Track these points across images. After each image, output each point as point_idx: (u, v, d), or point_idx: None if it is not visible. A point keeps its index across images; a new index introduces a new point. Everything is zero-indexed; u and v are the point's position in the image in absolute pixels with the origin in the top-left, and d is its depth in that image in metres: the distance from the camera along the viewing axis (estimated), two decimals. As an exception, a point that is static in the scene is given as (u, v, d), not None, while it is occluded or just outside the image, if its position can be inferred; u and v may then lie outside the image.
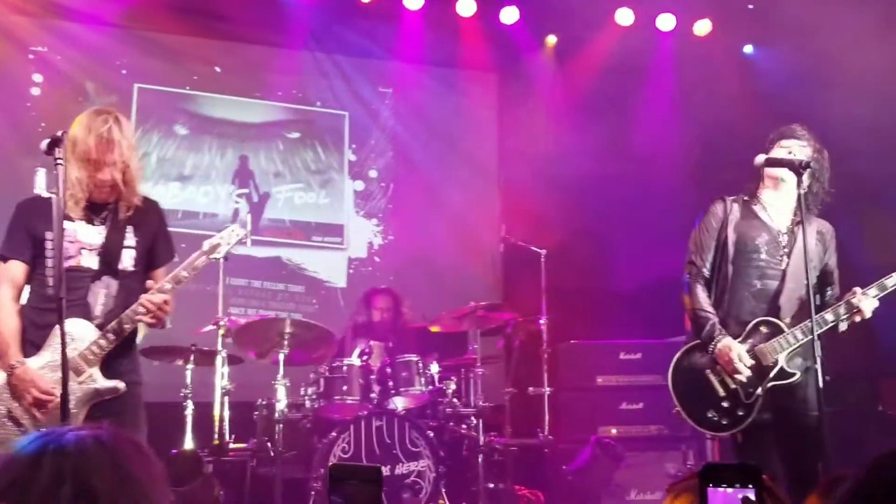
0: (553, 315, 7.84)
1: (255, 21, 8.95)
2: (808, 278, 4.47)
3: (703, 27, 9.37)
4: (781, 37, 8.64)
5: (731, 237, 4.83)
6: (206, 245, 4.45)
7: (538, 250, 8.05)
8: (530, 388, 7.74)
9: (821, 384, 4.39)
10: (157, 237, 4.49)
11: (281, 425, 6.58)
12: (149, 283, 4.25)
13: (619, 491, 7.40)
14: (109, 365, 4.21)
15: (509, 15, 9.25)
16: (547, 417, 7.58)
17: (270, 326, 6.79)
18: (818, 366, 4.42)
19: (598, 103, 9.29)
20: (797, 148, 4.83)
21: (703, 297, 4.81)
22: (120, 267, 4.28)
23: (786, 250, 4.82)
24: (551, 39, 9.75)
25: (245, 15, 8.84)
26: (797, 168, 4.61)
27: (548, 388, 7.62)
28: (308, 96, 9.45)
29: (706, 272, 4.87)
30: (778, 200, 4.90)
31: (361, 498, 1.80)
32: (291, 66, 9.37)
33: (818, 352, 4.46)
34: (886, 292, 4.71)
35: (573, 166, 9.17)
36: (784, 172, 4.79)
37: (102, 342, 4.17)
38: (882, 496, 1.06)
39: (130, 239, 4.35)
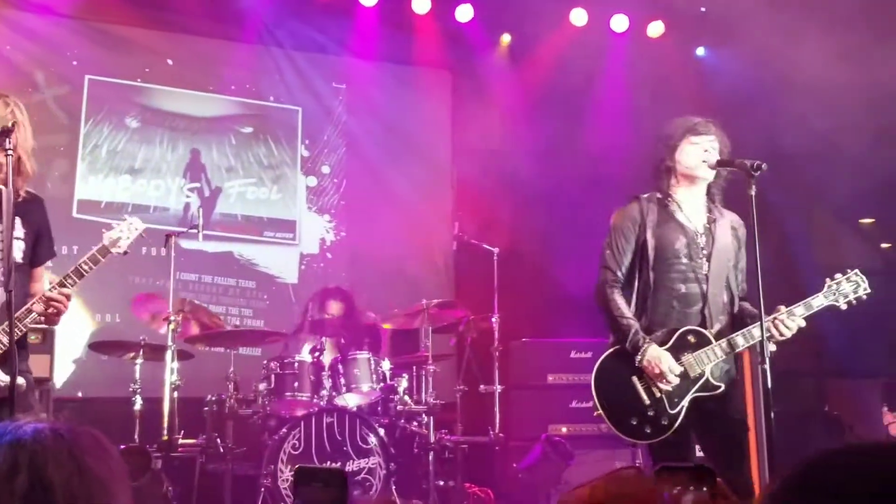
0: (505, 313, 7.86)
1: (208, 14, 8.88)
2: (759, 289, 4.50)
3: (656, 29, 9.47)
4: (732, 40, 8.74)
5: (651, 242, 4.72)
6: (106, 238, 4.35)
7: (491, 248, 8.07)
8: (482, 386, 7.76)
9: (769, 386, 4.39)
10: (42, 233, 4.33)
11: (231, 421, 6.54)
12: (51, 278, 4.15)
13: (568, 489, 7.41)
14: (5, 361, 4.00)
15: (464, 13, 9.26)
16: (498, 415, 7.59)
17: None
18: (766, 365, 4.44)
19: (552, 102, 9.35)
20: (708, 143, 4.75)
21: (622, 304, 4.70)
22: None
23: (705, 252, 4.75)
24: (506, 38, 9.79)
25: (199, 7, 8.77)
26: (749, 170, 4.49)
27: (499, 386, 7.63)
28: (261, 91, 9.39)
29: (623, 277, 4.76)
30: (692, 198, 4.83)
31: (324, 501, 1.79)
32: (245, 61, 9.30)
33: (767, 352, 4.45)
34: (812, 312, 4.70)
35: (527, 165, 9.22)
36: (703, 171, 4.76)
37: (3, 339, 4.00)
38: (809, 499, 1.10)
39: (19, 230, 4.17)
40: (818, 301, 4.71)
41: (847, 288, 4.76)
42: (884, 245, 10.02)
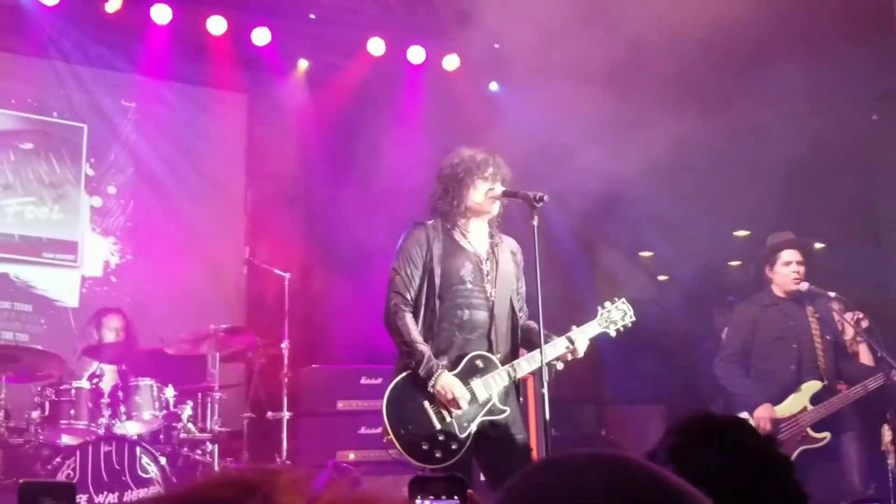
0: (295, 339, 7.84)
1: (-11, 24, 8.51)
2: (539, 315, 4.69)
3: (451, 62, 9.70)
4: (523, 77, 9.06)
5: (437, 270, 4.85)
6: None
7: (282, 274, 8.02)
8: (269, 413, 7.69)
9: (547, 410, 4.57)
10: None
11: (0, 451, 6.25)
12: None
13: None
14: None
15: (261, 36, 9.22)
16: (285, 442, 7.55)
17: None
18: (545, 390, 4.62)
19: (349, 130, 9.45)
20: (494, 180, 4.93)
21: (413, 329, 4.79)
22: None
23: (490, 277, 4.92)
24: (303, 64, 9.79)
25: (-23, 17, 8.39)
26: (532, 201, 4.75)
27: (287, 413, 7.59)
28: (45, 106, 9.04)
29: (412, 301, 4.86)
30: (477, 226, 5.01)
31: None
32: (28, 74, 8.96)
33: (546, 377, 4.63)
34: (588, 337, 4.95)
35: (321, 192, 9.29)
36: (490, 206, 4.94)
37: None
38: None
39: None
40: (592, 328, 4.98)
41: (616, 315, 5.05)
42: (661, 277, 10.60)
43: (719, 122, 7.87)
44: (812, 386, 6.40)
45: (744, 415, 6.29)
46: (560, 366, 4.92)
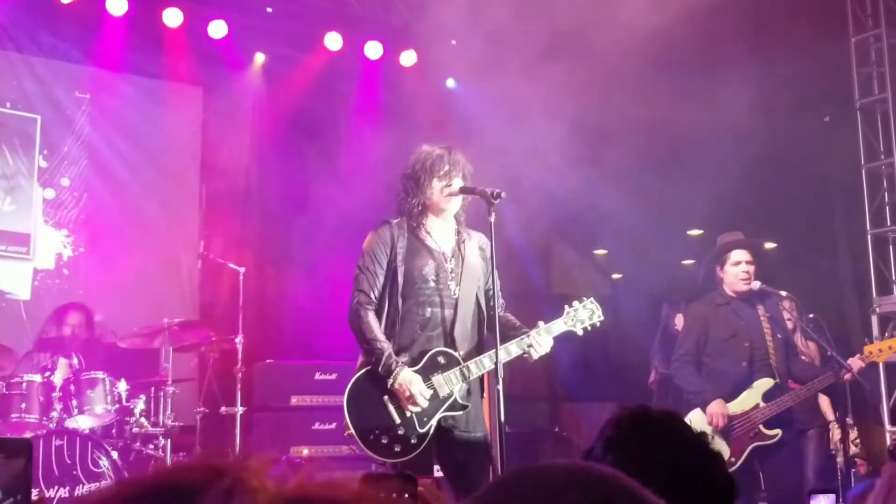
0: (249, 334, 7.83)
1: (-61, 12, 8.44)
2: (495, 312, 4.77)
3: (409, 58, 9.77)
4: (478, 74, 9.14)
5: (401, 270, 4.90)
6: None
7: (237, 268, 7.98)
8: (223, 408, 7.70)
9: (502, 407, 4.63)
10: None
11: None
12: None
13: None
14: None
15: (217, 29, 9.21)
16: (238, 437, 7.55)
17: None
18: (500, 386, 4.68)
19: (305, 124, 9.50)
20: (454, 176, 4.96)
21: (375, 326, 4.84)
22: None
23: (454, 275, 4.98)
24: (259, 57, 9.80)
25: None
26: (490, 198, 4.79)
27: (241, 408, 7.59)
28: (-3, 96, 8.99)
29: (375, 299, 4.90)
30: (441, 223, 5.06)
31: (8, 471, 1.73)
32: (-22, 64, 8.90)
33: (500, 373, 4.69)
34: (552, 336, 4.99)
35: (277, 186, 9.31)
36: (450, 203, 4.98)
37: None
38: None
39: None
40: (558, 326, 5.04)
41: (583, 314, 5.12)
42: (615, 276, 10.74)
43: (674, 122, 8.00)
44: (764, 383, 6.49)
45: (696, 412, 6.43)
46: (536, 355, 4.94)
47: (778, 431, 6.36)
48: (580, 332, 5.12)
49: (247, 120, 9.86)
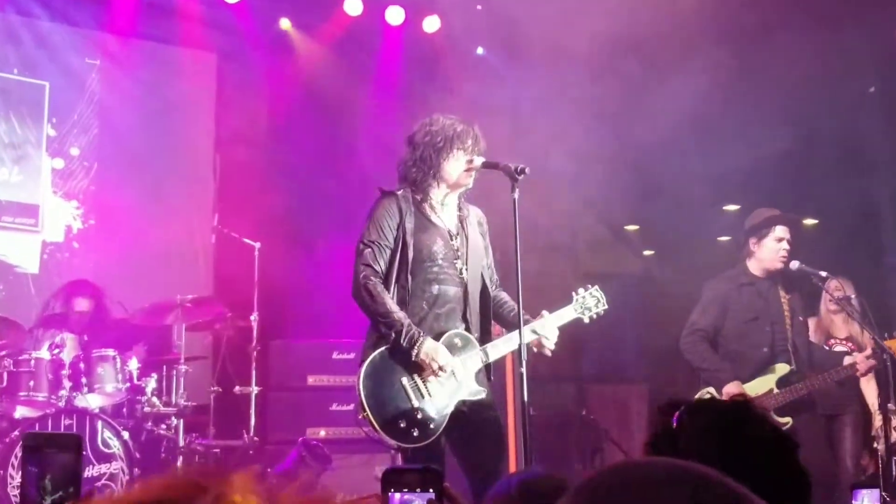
0: (265, 311, 7.87)
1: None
2: (519, 294, 4.68)
3: (431, 24, 9.65)
4: (507, 42, 9.02)
5: (410, 244, 4.82)
6: None
7: (252, 243, 8.02)
8: (237, 388, 7.72)
9: (525, 390, 4.56)
10: None
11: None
12: None
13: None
14: None
15: (233, -6, 9.15)
16: (253, 418, 7.58)
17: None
18: (523, 368, 4.61)
19: (323, 93, 9.38)
20: (473, 152, 4.91)
21: (388, 299, 4.74)
22: None
23: (460, 254, 4.92)
24: (278, 23, 9.71)
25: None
26: (514, 173, 4.70)
27: (256, 388, 7.63)
28: (3, 63, 8.91)
29: (382, 274, 4.82)
30: (449, 199, 5.00)
31: (59, 466, 1.75)
32: (-15, 29, 8.84)
33: (524, 355, 4.61)
34: (563, 323, 4.96)
35: (295, 157, 9.23)
36: (466, 179, 4.93)
37: None
38: None
39: None
40: (567, 313, 5.02)
41: (590, 302, 5.09)
42: (646, 252, 10.63)
43: (713, 93, 7.87)
44: (781, 368, 6.40)
45: (710, 391, 6.34)
46: (551, 346, 4.90)
47: (788, 420, 6.21)
48: (587, 321, 5.10)
49: (263, 88, 9.76)
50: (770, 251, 6.58)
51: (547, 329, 4.87)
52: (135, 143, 9.33)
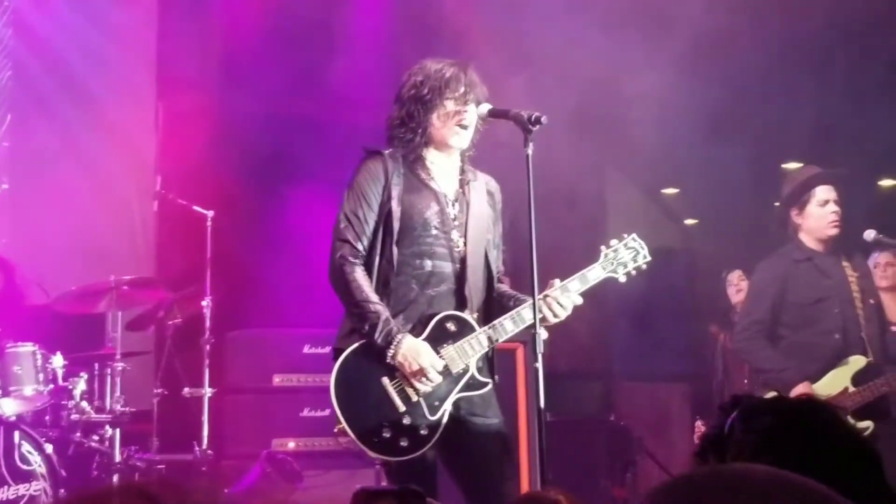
0: (220, 295, 7.90)
1: None
2: (533, 262, 4.52)
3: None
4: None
5: (396, 211, 4.74)
6: None
7: (204, 212, 8.05)
8: (186, 389, 7.77)
9: (541, 389, 4.44)
10: None
11: None
12: None
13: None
14: None
15: None
16: (206, 427, 7.61)
17: None
18: (538, 364, 4.46)
19: (291, 29, 9.35)
20: (467, 102, 4.80)
21: (366, 285, 4.66)
22: None
23: (458, 223, 4.84)
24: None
25: None
26: (526, 123, 4.59)
27: (209, 390, 7.67)
28: None
29: (364, 250, 4.75)
30: (444, 159, 4.92)
31: None
32: None
33: (539, 346, 4.48)
34: (589, 286, 4.79)
35: (255, 105, 9.15)
36: (459, 140, 4.82)
37: None
38: None
39: None
40: (595, 273, 4.84)
41: (625, 256, 4.93)
42: (688, 221, 10.56)
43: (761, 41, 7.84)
44: (856, 361, 6.28)
45: (773, 395, 6.20)
46: (545, 334, 4.74)
47: (869, 424, 6.10)
48: (622, 279, 4.92)
49: (218, 25, 9.66)
50: (817, 219, 6.50)
51: (562, 297, 4.73)
52: (56, 90, 9.29)
